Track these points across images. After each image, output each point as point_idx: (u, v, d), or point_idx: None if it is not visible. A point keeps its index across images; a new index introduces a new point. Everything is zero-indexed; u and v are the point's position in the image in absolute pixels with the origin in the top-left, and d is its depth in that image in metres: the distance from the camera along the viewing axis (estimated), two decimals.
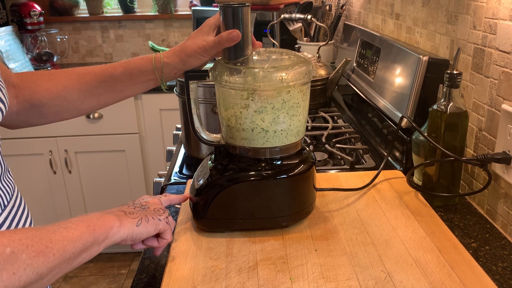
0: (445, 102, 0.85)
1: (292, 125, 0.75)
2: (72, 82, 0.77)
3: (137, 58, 0.77)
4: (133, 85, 0.78)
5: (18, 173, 2.27)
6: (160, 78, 0.77)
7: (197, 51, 0.74)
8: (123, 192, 2.35)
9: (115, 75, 0.77)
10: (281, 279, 0.66)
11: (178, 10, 2.73)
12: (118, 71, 0.77)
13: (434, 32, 1.09)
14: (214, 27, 0.75)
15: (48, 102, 0.77)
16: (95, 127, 2.22)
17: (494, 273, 0.71)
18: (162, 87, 0.79)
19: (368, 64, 1.39)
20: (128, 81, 0.77)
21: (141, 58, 0.77)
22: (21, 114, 0.77)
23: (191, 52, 0.74)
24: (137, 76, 0.77)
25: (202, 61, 0.76)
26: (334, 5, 1.95)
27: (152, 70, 0.76)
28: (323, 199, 0.89)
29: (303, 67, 0.73)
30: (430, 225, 0.79)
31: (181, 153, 1.21)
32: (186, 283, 0.66)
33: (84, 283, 2.33)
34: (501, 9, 0.81)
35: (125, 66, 0.77)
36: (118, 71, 0.77)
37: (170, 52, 0.76)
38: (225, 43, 0.73)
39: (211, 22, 0.75)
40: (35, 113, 0.78)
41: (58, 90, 0.77)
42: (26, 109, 0.77)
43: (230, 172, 0.76)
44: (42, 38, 2.56)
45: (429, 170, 0.89)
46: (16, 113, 0.77)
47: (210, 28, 0.75)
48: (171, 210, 0.91)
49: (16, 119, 0.78)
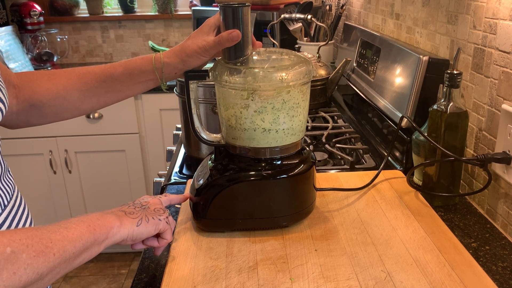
0: (445, 102, 0.85)
1: (292, 125, 0.75)
2: (72, 82, 0.77)
3: (137, 58, 0.77)
4: (133, 85, 0.78)
5: (18, 173, 2.27)
6: (160, 78, 0.77)
7: (197, 51, 0.74)
8: (123, 192, 2.35)
9: (115, 75, 0.77)
10: (281, 279, 0.66)
11: (178, 10, 2.73)
12: (118, 71, 0.77)
13: (434, 32, 1.09)
14: (214, 27, 0.75)
15: (48, 102, 0.77)
16: (95, 127, 2.22)
17: (494, 273, 0.71)
18: (162, 87, 0.79)
19: (368, 64, 1.39)
20: (128, 81, 0.77)
21: (141, 58, 0.77)
22: (21, 114, 0.77)
23: (191, 52, 0.74)
24: (137, 76, 0.77)
25: (202, 61, 0.76)
26: (334, 5, 1.95)
27: (152, 70, 0.76)
28: (323, 199, 0.89)
29: (303, 67, 0.73)
30: (430, 225, 0.79)
31: (181, 153, 1.21)
32: (186, 283, 0.66)
33: (84, 283, 2.33)
34: (501, 9, 0.81)
35: (125, 66, 0.77)
36: (118, 71, 0.77)
37: (170, 52, 0.76)
38: (225, 43, 0.73)
39: (211, 22, 0.75)
40: (35, 113, 0.78)
41: (58, 90, 0.77)
42: (26, 109, 0.77)
43: (230, 172, 0.76)
44: (42, 38, 2.56)
45: (429, 170, 0.89)
46: (16, 113, 0.77)
47: (210, 28, 0.75)
48: (171, 210, 0.91)
49: (16, 119, 0.78)
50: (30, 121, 0.79)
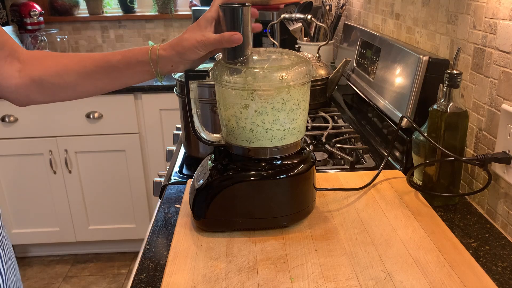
0: (445, 102, 0.85)
1: (292, 125, 0.75)
2: (72, 63, 0.80)
3: (137, 48, 0.79)
4: (129, 74, 0.79)
5: (18, 173, 2.27)
6: (155, 70, 0.77)
7: (195, 45, 0.74)
8: (123, 192, 2.35)
9: (113, 61, 0.78)
10: (281, 279, 0.66)
11: (178, 10, 2.73)
12: (116, 58, 0.79)
13: (434, 32, 1.09)
14: (212, 20, 0.75)
15: (47, 79, 0.80)
16: (95, 127, 2.22)
17: (494, 273, 0.71)
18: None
19: (368, 64, 1.39)
20: (125, 69, 0.79)
21: (139, 49, 0.78)
22: (21, 87, 0.80)
23: (188, 45, 0.74)
24: (134, 65, 0.78)
25: (199, 55, 0.76)
26: (334, 5, 1.95)
27: (148, 61, 0.76)
28: (323, 199, 0.89)
29: (303, 67, 0.73)
30: (430, 225, 0.79)
31: (181, 153, 1.21)
32: (186, 283, 0.66)
33: (84, 283, 2.33)
34: (501, 9, 0.81)
35: (123, 54, 0.79)
36: (116, 58, 0.79)
37: (167, 45, 0.77)
38: (225, 44, 0.73)
39: (207, 16, 0.75)
40: (34, 88, 0.81)
41: (58, 68, 0.80)
42: (27, 84, 0.80)
43: (230, 172, 0.76)
44: (42, 38, 2.55)
45: (429, 170, 0.89)
46: (16, 85, 0.80)
47: (208, 22, 0.75)
48: (172, 210, 0.91)
49: (16, 92, 0.81)
50: (30, 97, 0.82)
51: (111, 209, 2.39)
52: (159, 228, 0.85)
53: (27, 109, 2.15)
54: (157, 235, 0.83)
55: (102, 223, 2.41)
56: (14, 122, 2.18)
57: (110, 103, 2.18)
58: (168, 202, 0.95)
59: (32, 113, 2.16)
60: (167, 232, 0.84)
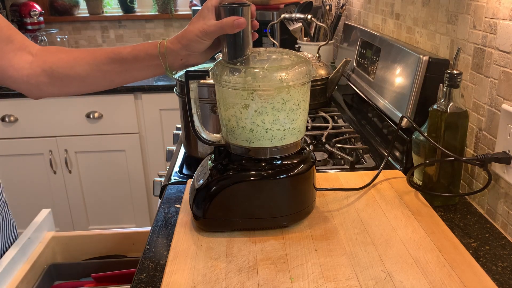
0: (445, 102, 0.85)
1: (292, 125, 0.75)
2: (83, 55, 0.81)
3: (147, 42, 0.79)
4: (139, 67, 0.80)
5: (18, 173, 2.27)
6: (164, 64, 0.77)
7: (198, 34, 0.74)
8: (123, 192, 2.35)
9: (123, 53, 0.79)
10: (281, 279, 0.66)
11: (178, 10, 2.73)
12: (126, 50, 0.79)
13: (434, 32, 1.09)
14: (213, 9, 0.75)
15: (58, 69, 0.81)
16: (95, 127, 2.22)
17: (494, 273, 0.71)
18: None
19: (368, 64, 1.39)
20: (134, 62, 0.79)
21: (149, 43, 0.79)
22: (33, 78, 0.82)
23: (192, 36, 0.75)
24: (143, 58, 0.78)
25: (204, 44, 0.76)
26: (334, 5, 1.95)
27: (157, 55, 0.77)
28: (323, 199, 0.89)
29: (303, 67, 0.73)
30: (430, 225, 0.79)
31: (181, 153, 1.21)
32: (186, 283, 0.66)
33: None
34: (501, 9, 0.81)
35: (134, 47, 0.80)
36: (126, 50, 0.79)
37: (174, 38, 0.77)
38: (226, 29, 0.72)
39: (208, 4, 0.75)
40: (46, 79, 0.82)
41: (69, 59, 0.82)
42: (38, 74, 0.81)
43: (230, 172, 0.76)
44: (42, 38, 2.55)
45: (429, 170, 0.89)
46: (28, 76, 0.81)
47: (209, 11, 0.75)
48: (172, 210, 0.91)
49: (28, 83, 0.82)
50: (42, 88, 0.83)
51: (111, 209, 2.39)
52: (159, 228, 0.85)
53: (27, 109, 2.15)
54: (157, 235, 0.83)
55: (102, 223, 2.41)
56: (14, 122, 2.18)
57: (110, 103, 2.18)
58: (168, 202, 0.95)
59: (32, 113, 2.16)
60: (167, 232, 0.84)
